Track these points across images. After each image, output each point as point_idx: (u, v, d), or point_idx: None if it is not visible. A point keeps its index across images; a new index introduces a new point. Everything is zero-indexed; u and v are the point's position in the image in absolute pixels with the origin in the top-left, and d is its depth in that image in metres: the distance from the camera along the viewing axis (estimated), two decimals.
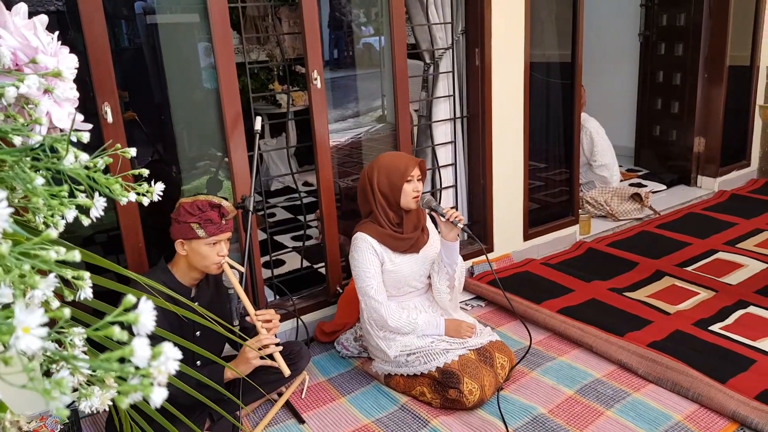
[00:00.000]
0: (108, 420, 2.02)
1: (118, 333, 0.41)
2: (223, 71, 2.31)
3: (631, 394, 2.19)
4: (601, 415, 2.09)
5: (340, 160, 5.07)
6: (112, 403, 0.55)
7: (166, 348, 0.40)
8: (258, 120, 2.30)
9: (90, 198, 0.56)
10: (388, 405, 2.24)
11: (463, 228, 2.17)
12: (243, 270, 2.10)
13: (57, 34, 0.61)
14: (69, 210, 0.54)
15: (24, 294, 0.45)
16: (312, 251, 3.40)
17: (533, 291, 2.93)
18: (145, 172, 0.66)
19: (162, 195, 0.64)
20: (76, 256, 0.45)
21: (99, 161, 0.56)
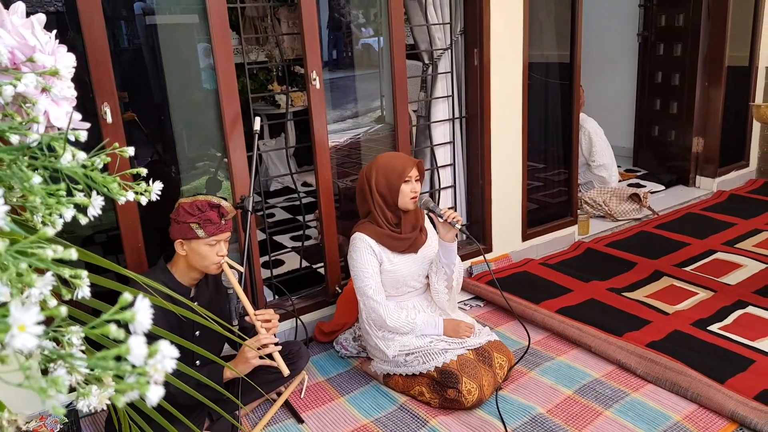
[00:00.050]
0: (107, 420, 2.02)
1: (114, 331, 0.41)
2: (222, 72, 2.31)
3: (630, 394, 2.19)
4: (600, 415, 2.09)
5: (339, 160, 5.08)
6: (110, 403, 0.55)
7: (162, 346, 0.40)
8: (257, 120, 2.30)
9: (88, 197, 0.56)
10: (386, 405, 2.24)
11: (461, 229, 2.17)
12: (242, 270, 2.10)
13: (55, 33, 0.61)
14: (67, 209, 0.54)
15: (21, 292, 0.45)
16: (311, 251, 3.40)
17: (532, 291, 2.93)
18: (144, 171, 0.66)
19: (161, 195, 0.64)
20: (72, 254, 0.45)
21: (96, 160, 0.56)
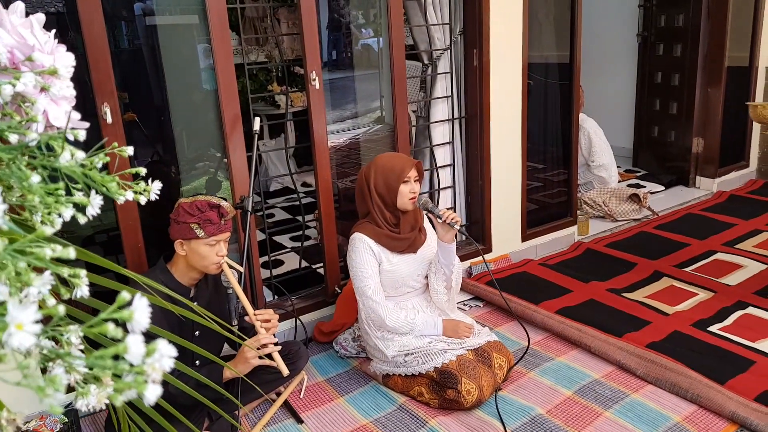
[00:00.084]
0: (107, 420, 2.02)
1: (112, 330, 0.41)
2: (222, 72, 2.31)
3: (630, 394, 2.19)
4: (600, 416, 2.09)
5: (338, 160, 5.09)
6: (109, 402, 0.55)
7: (160, 345, 0.40)
8: (257, 121, 2.30)
9: (87, 196, 0.56)
10: (386, 405, 2.24)
11: (460, 230, 2.17)
12: (242, 270, 2.10)
13: (54, 32, 0.61)
14: (66, 208, 0.54)
15: (20, 291, 0.45)
16: (310, 251, 3.40)
17: (531, 291, 2.93)
18: (143, 170, 0.66)
19: (161, 195, 0.64)
20: (70, 253, 0.45)
21: (95, 159, 0.56)
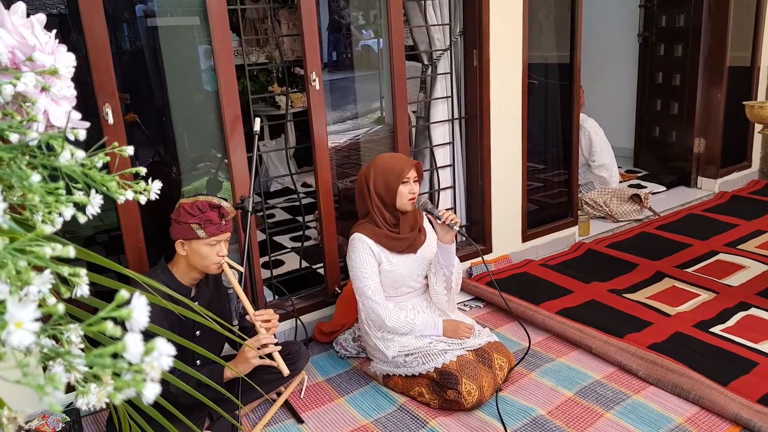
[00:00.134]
0: (109, 419, 2.03)
1: (111, 329, 0.41)
2: (223, 73, 2.32)
3: (631, 396, 2.18)
4: (601, 417, 2.08)
5: (338, 161, 5.09)
6: (110, 401, 0.55)
7: (158, 344, 0.41)
8: (257, 121, 2.30)
9: (87, 196, 0.56)
10: (386, 405, 2.24)
11: (459, 231, 2.17)
12: (242, 270, 2.10)
13: (54, 32, 0.62)
14: (66, 208, 0.54)
15: (20, 290, 0.45)
16: (311, 252, 3.40)
17: (532, 292, 2.93)
18: (143, 170, 0.66)
19: (162, 195, 0.64)
20: (70, 252, 0.45)
21: (95, 159, 0.57)
